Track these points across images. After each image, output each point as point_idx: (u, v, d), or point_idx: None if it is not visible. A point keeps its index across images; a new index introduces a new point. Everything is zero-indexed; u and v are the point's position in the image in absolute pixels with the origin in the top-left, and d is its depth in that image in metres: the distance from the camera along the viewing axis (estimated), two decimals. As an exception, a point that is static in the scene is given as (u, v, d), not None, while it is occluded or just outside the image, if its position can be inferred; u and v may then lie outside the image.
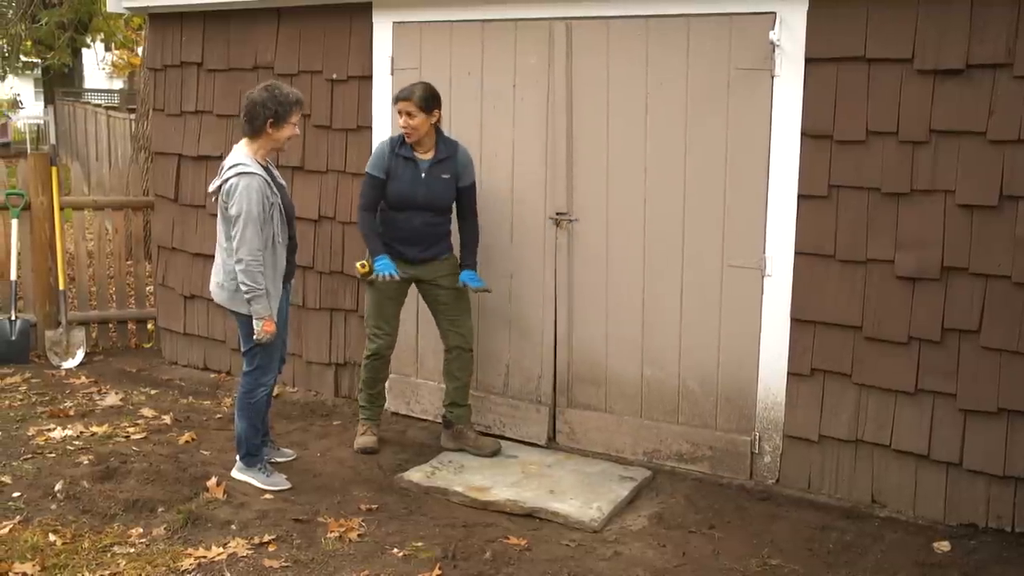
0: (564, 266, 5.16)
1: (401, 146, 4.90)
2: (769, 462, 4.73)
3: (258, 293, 4.35)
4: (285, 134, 4.46)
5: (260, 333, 4.41)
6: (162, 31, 6.62)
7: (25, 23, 19.22)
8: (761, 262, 4.64)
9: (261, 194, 4.33)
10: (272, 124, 4.40)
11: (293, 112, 4.43)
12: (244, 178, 4.32)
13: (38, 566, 3.76)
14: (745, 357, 4.74)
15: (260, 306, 4.37)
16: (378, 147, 5.04)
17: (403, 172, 4.89)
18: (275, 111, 4.37)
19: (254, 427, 4.66)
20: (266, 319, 4.40)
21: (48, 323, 6.90)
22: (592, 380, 5.17)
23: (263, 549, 3.99)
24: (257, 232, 4.31)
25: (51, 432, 5.26)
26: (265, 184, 4.37)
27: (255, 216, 4.30)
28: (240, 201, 4.30)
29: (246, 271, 4.33)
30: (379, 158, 4.93)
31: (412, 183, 4.88)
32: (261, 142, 4.46)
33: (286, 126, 4.43)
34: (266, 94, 4.40)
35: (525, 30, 5.12)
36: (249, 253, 4.31)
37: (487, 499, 4.54)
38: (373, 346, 5.12)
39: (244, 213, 4.29)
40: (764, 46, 4.50)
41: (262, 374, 4.62)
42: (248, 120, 4.42)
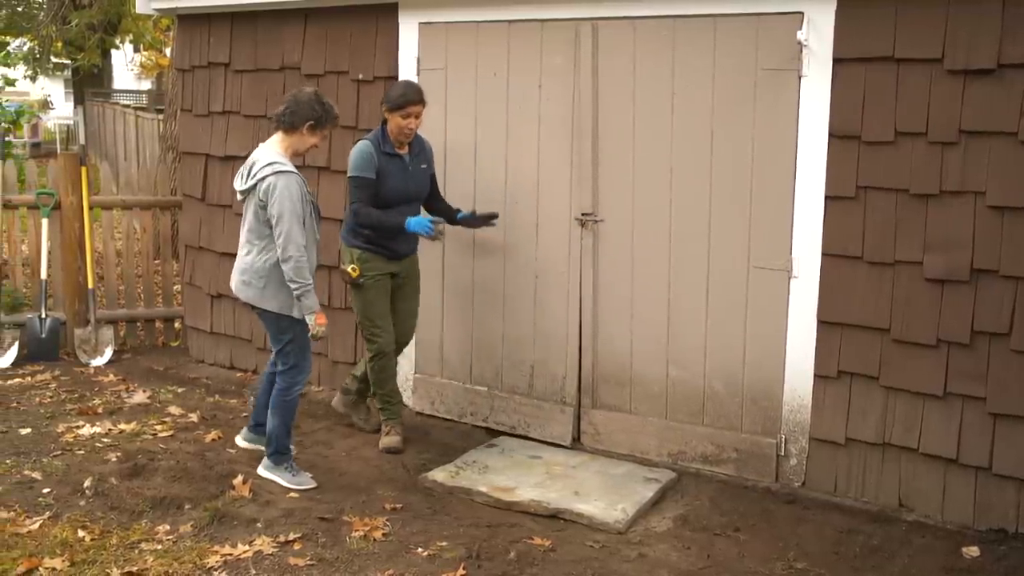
0: (589, 267, 5.15)
1: (384, 144, 4.98)
2: (795, 465, 4.70)
3: (307, 289, 4.43)
4: (312, 141, 4.56)
5: (315, 327, 4.49)
6: (190, 32, 6.67)
7: (56, 24, 19.43)
8: (788, 263, 4.62)
9: (301, 192, 4.41)
10: (310, 128, 4.49)
11: (328, 126, 4.56)
12: (283, 177, 4.37)
13: (67, 561, 3.79)
14: (771, 359, 4.71)
15: (311, 301, 4.45)
16: (361, 149, 4.96)
17: (393, 170, 4.99)
18: (319, 116, 4.48)
19: (286, 426, 4.69)
20: (318, 312, 4.48)
21: (77, 321, 6.98)
22: (617, 381, 5.15)
23: (288, 547, 4.01)
24: (301, 229, 4.39)
25: (80, 429, 5.31)
26: (303, 183, 4.45)
27: (298, 213, 4.37)
28: (282, 200, 4.35)
29: (295, 268, 4.39)
30: (367, 159, 4.94)
31: (402, 179, 5.02)
32: (293, 140, 4.52)
33: (318, 135, 4.54)
34: (315, 98, 4.50)
35: (551, 30, 5.11)
36: (296, 250, 4.38)
37: (511, 499, 4.54)
38: (376, 345, 5.15)
39: (288, 212, 4.36)
40: (791, 46, 4.47)
41: (298, 372, 4.66)
42: (291, 114, 4.48)
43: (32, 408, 5.72)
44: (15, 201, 6.94)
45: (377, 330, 5.13)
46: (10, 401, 5.83)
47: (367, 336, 5.18)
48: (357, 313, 5.23)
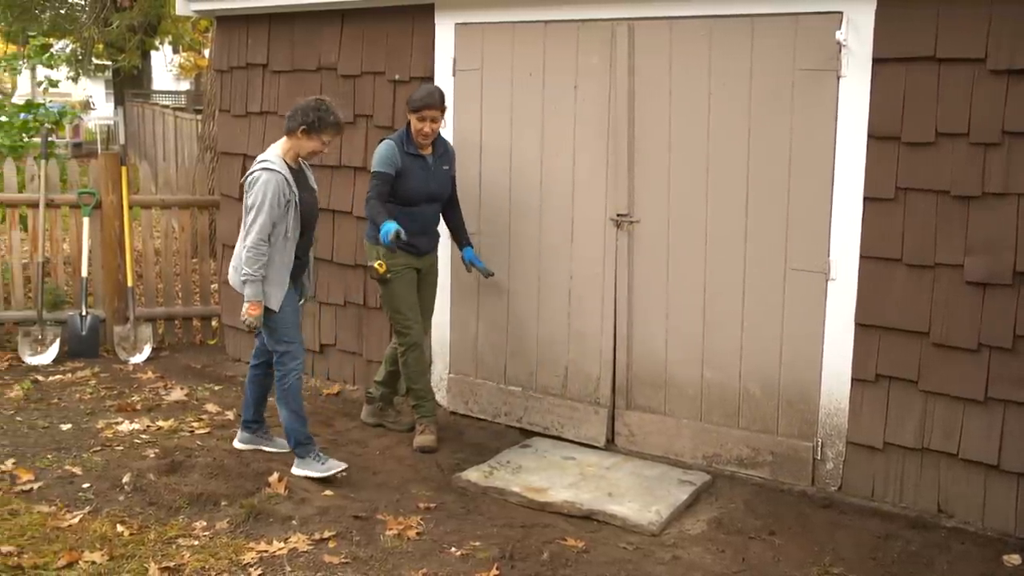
0: (624, 267, 5.13)
1: (407, 144, 5.09)
2: (831, 469, 4.66)
3: (253, 278, 4.59)
4: (310, 146, 4.67)
5: (245, 314, 4.65)
6: (229, 33, 6.73)
7: (97, 27, 19.71)
8: (825, 265, 4.57)
9: (278, 190, 4.57)
10: (304, 131, 4.62)
11: (326, 131, 4.65)
12: (265, 173, 4.58)
13: (106, 555, 3.84)
14: (808, 361, 4.67)
15: (252, 290, 4.61)
16: (385, 147, 5.09)
17: (415, 169, 5.09)
18: (311, 122, 4.61)
19: (296, 414, 4.78)
20: (253, 303, 4.62)
21: (117, 319, 7.07)
22: (651, 382, 5.13)
23: (323, 545, 4.04)
24: (267, 223, 4.55)
25: (119, 426, 5.38)
26: (284, 182, 4.60)
27: (267, 209, 4.54)
28: (257, 193, 4.57)
29: (249, 257, 4.57)
30: (390, 157, 5.05)
31: (424, 178, 5.12)
32: (291, 144, 4.69)
33: (314, 139, 4.65)
34: (312, 104, 4.65)
35: (587, 30, 5.11)
36: (254, 241, 4.55)
37: (545, 500, 4.54)
38: (408, 338, 5.20)
39: (258, 205, 4.55)
40: (830, 46, 4.43)
41: (290, 359, 4.78)
42: (290, 119, 4.67)
43: (73, 404, 5.81)
44: (57, 200, 7.04)
45: (408, 322, 5.18)
46: (51, 397, 5.92)
47: (399, 330, 5.22)
48: (386, 308, 5.28)
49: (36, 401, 5.82)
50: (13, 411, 5.60)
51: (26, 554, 3.82)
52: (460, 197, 5.50)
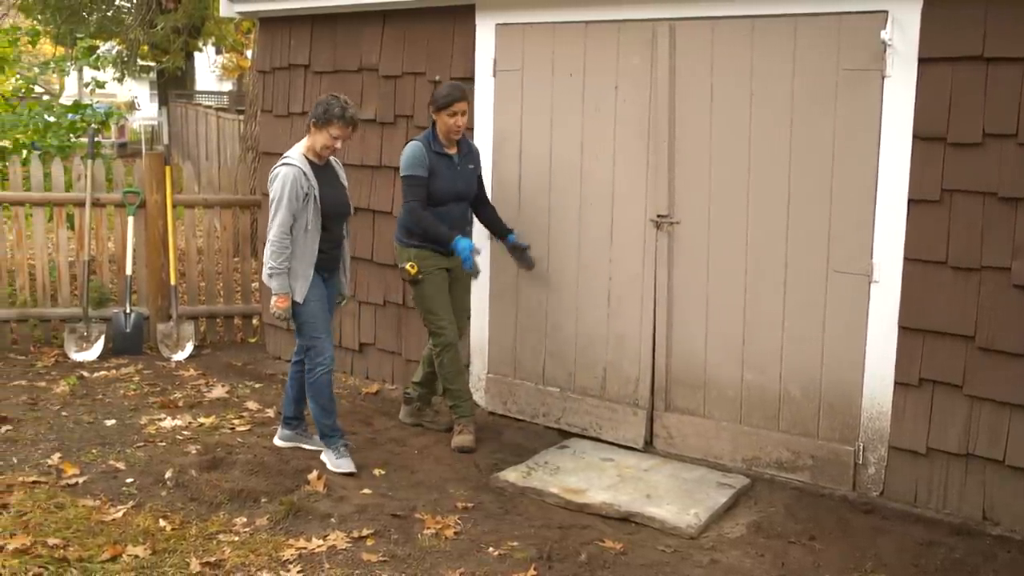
0: (664, 268, 5.11)
1: (434, 144, 5.12)
2: (873, 474, 4.60)
3: (278, 271, 4.69)
4: (321, 140, 4.75)
5: (274, 307, 4.76)
6: (271, 34, 6.80)
7: (143, 28, 19.99)
8: (868, 268, 4.52)
9: (295, 184, 4.67)
10: (314, 124, 4.75)
11: (332, 124, 4.70)
12: (283, 169, 4.71)
13: (149, 549, 3.90)
14: (850, 364, 4.61)
15: (278, 283, 4.71)
16: (413, 148, 5.11)
17: (442, 168, 5.12)
18: (319, 115, 4.72)
19: (322, 408, 4.87)
20: (280, 295, 4.72)
21: (160, 316, 7.16)
22: (691, 384, 5.10)
23: (361, 543, 4.06)
24: (285, 217, 4.65)
25: (162, 422, 5.45)
26: (301, 175, 4.69)
27: (286, 203, 4.64)
28: (276, 189, 4.69)
29: (271, 250, 4.69)
30: (419, 159, 5.07)
31: (451, 178, 5.15)
32: (309, 140, 4.82)
33: (323, 133, 4.73)
34: (324, 99, 4.77)
35: (628, 31, 5.09)
36: (275, 235, 4.67)
37: (583, 501, 4.53)
38: (442, 338, 5.21)
39: (276, 199, 4.67)
40: (875, 46, 4.38)
41: (316, 354, 4.85)
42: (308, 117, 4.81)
43: (117, 400, 5.90)
44: (103, 200, 7.15)
45: (442, 322, 5.20)
46: (96, 393, 6.01)
47: (432, 331, 5.24)
48: (419, 309, 5.31)
49: (81, 397, 5.92)
50: (59, 406, 5.70)
51: (71, 547, 3.88)
52: (499, 198, 5.51)
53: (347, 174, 6.24)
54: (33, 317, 7.11)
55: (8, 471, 4.67)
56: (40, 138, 8.41)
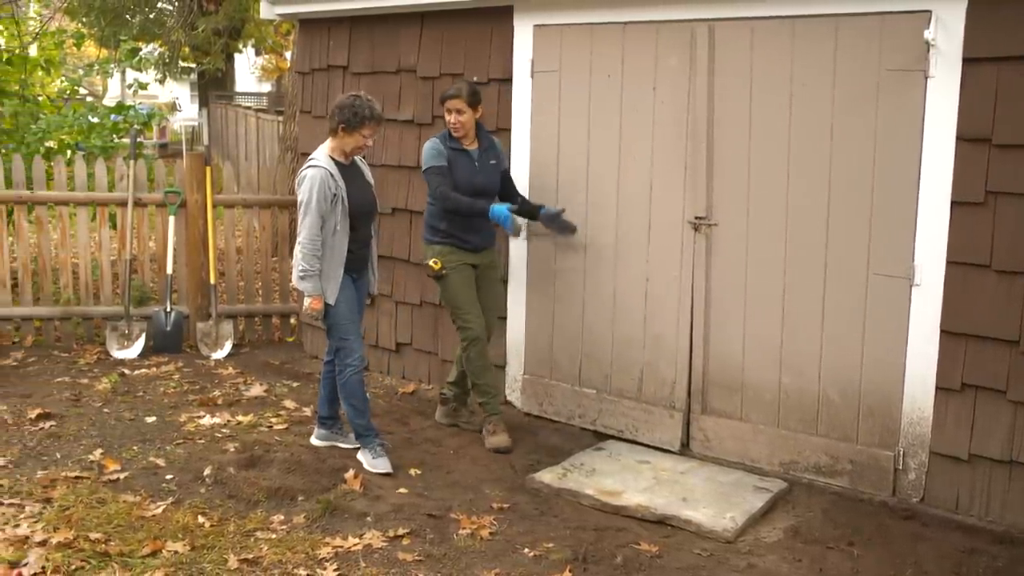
0: (702, 270, 5.08)
1: (450, 140, 5.22)
2: (914, 479, 4.54)
3: (310, 273, 4.72)
4: (352, 142, 4.80)
5: (307, 308, 4.79)
6: (311, 36, 6.85)
7: (184, 30, 20.24)
8: (909, 271, 4.46)
9: (323, 185, 4.69)
10: (343, 129, 4.76)
11: (365, 126, 4.76)
12: (310, 171, 4.74)
13: (188, 545, 3.94)
14: (890, 369, 4.56)
15: (310, 285, 4.74)
16: (430, 143, 5.24)
17: (461, 163, 5.21)
18: (348, 119, 4.74)
19: (355, 408, 4.92)
20: (314, 297, 4.75)
21: (199, 315, 7.24)
22: (728, 386, 5.07)
23: (397, 542, 4.08)
24: (315, 219, 4.68)
25: (201, 419, 5.51)
26: (328, 176, 4.72)
27: (314, 205, 4.67)
28: (304, 191, 4.72)
29: (302, 252, 4.71)
30: (437, 152, 5.19)
31: (470, 172, 5.21)
32: (336, 142, 4.84)
33: (355, 135, 4.78)
34: (348, 102, 4.77)
35: (667, 32, 5.07)
36: (306, 237, 4.69)
37: (619, 503, 4.51)
38: (468, 332, 5.25)
39: (304, 202, 4.70)
40: (918, 46, 4.32)
41: (346, 355, 4.90)
42: (329, 119, 4.84)
43: (157, 398, 5.97)
44: (145, 200, 7.24)
45: (468, 316, 5.24)
46: (137, 390, 6.09)
47: (459, 325, 5.30)
48: (446, 305, 5.40)
49: (123, 394, 6.00)
50: (101, 403, 5.78)
51: (113, 542, 3.94)
52: (536, 198, 5.53)
53: (384, 175, 6.31)
54: (76, 315, 7.22)
55: (52, 466, 4.74)
56: (84, 139, 8.54)
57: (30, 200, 7.09)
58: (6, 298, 7.13)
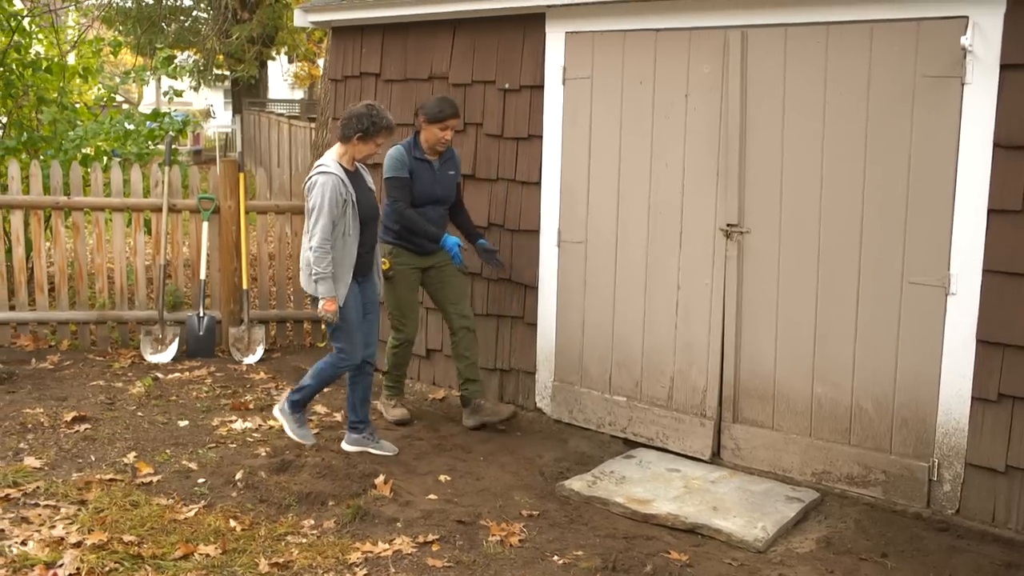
0: (733, 278, 5.05)
1: (415, 150, 5.45)
2: (949, 491, 4.48)
3: (324, 276, 4.84)
4: (365, 150, 4.98)
5: (322, 311, 4.91)
6: (343, 44, 6.90)
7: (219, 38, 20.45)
8: (945, 279, 4.41)
9: (335, 191, 4.83)
10: (359, 138, 4.92)
11: (380, 135, 4.95)
12: (322, 177, 4.86)
13: (219, 549, 3.97)
14: (924, 378, 4.50)
15: (324, 287, 4.86)
16: (395, 153, 5.44)
17: (422, 173, 5.45)
18: (366, 128, 4.90)
19: (316, 390, 5.20)
20: (328, 299, 4.87)
21: (232, 320, 7.30)
22: (759, 395, 5.03)
23: (427, 548, 4.08)
24: (328, 223, 4.81)
25: (233, 423, 5.56)
26: (340, 182, 4.86)
27: (327, 210, 4.80)
28: (316, 195, 4.84)
29: (316, 256, 4.83)
30: (401, 162, 5.41)
31: (430, 182, 5.47)
32: (347, 149, 4.97)
33: (369, 144, 4.95)
34: (364, 111, 4.93)
35: (699, 39, 5.05)
36: (319, 240, 4.81)
37: (648, 512, 4.49)
38: (401, 335, 5.63)
39: (318, 207, 4.83)
40: (954, 52, 4.28)
41: (346, 356, 5.07)
42: (343, 127, 4.96)
43: (190, 402, 6.02)
44: (179, 205, 7.32)
45: (405, 320, 5.61)
46: (170, 394, 6.15)
47: (394, 326, 5.63)
48: (387, 304, 5.61)
49: (156, 398, 6.06)
50: (135, 407, 5.84)
51: (145, 544, 3.98)
52: (567, 205, 5.54)
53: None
54: (111, 319, 7.31)
55: (87, 468, 4.80)
56: (120, 145, 8.64)
57: (67, 206, 7.19)
58: (43, 302, 7.24)
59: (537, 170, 5.78)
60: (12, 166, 7.14)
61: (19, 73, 8.41)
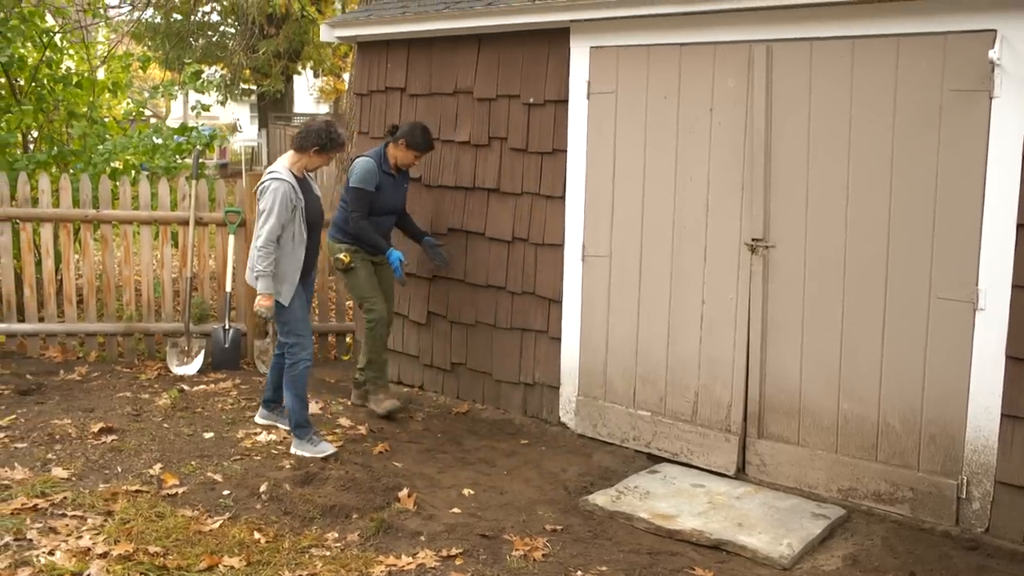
0: (758, 292, 5.03)
1: (383, 164, 5.97)
2: (978, 509, 4.42)
3: (265, 274, 5.21)
4: (318, 162, 5.38)
5: (258, 305, 5.27)
6: (369, 58, 6.94)
7: (246, 53, 20.64)
8: (973, 295, 4.37)
9: (286, 196, 5.19)
10: (316, 151, 5.30)
11: (335, 150, 5.36)
12: (274, 182, 5.21)
13: (244, 561, 3.98)
14: (953, 395, 4.46)
15: (263, 284, 5.24)
16: (368, 166, 5.90)
17: (387, 186, 5.99)
18: (324, 143, 5.29)
19: (299, 399, 5.35)
20: (265, 295, 5.25)
21: (257, 333, 7.34)
22: (785, 411, 5.00)
23: (450, 562, 4.07)
24: (276, 226, 5.16)
25: (257, 436, 5.58)
26: (291, 189, 5.22)
27: (276, 212, 5.15)
28: (267, 199, 5.19)
29: (260, 255, 5.20)
30: (371, 175, 5.90)
31: (392, 194, 6.05)
32: (301, 158, 5.35)
33: (324, 157, 5.35)
34: (324, 128, 5.33)
35: (724, 53, 5.05)
36: (265, 240, 5.17)
37: (673, 527, 4.47)
38: (376, 315, 6.02)
39: (268, 210, 5.18)
40: (982, 66, 4.25)
41: (300, 350, 5.36)
42: (302, 138, 5.33)
43: (215, 413, 6.05)
44: (206, 219, 7.38)
45: (374, 301, 6.02)
46: (196, 406, 6.18)
47: (366, 308, 6.03)
48: (353, 294, 6.12)
49: (182, 409, 6.09)
50: (161, 418, 5.88)
51: (171, 555, 3.99)
52: (592, 218, 5.57)
53: (440, 195, 6.39)
54: (138, 331, 7.37)
55: (113, 479, 4.83)
56: (148, 159, 8.73)
57: (96, 218, 7.27)
58: (72, 314, 7.31)
59: (561, 184, 5.79)
60: (42, 180, 7.23)
61: (50, 88, 8.52)
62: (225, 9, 21.89)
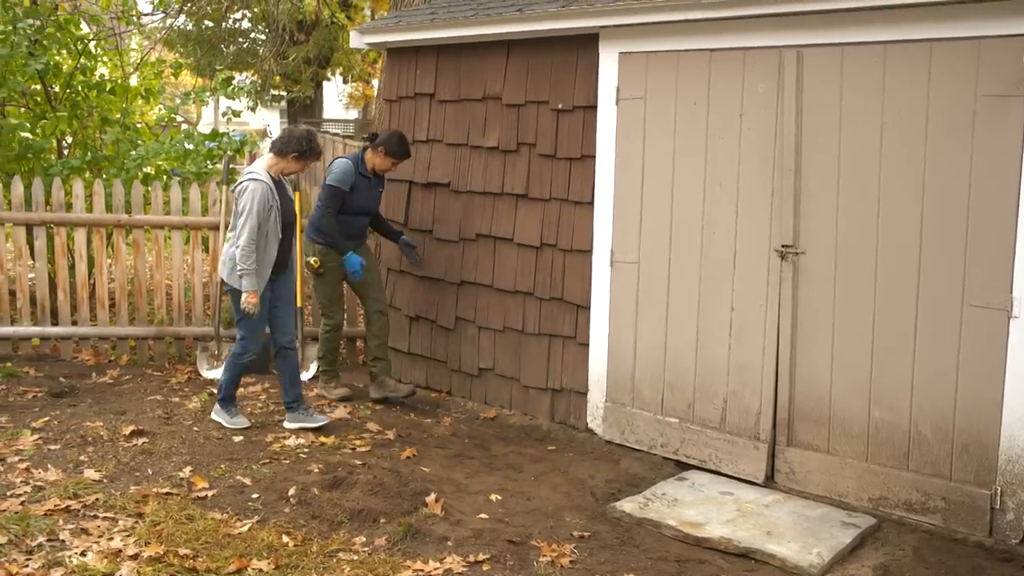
0: (788, 299, 4.99)
1: (361, 166, 6.29)
2: (1012, 520, 4.36)
3: (248, 272, 5.43)
4: (295, 167, 5.63)
5: (245, 303, 5.49)
6: (398, 64, 6.98)
7: (276, 59, 20.80)
8: (1007, 303, 4.32)
9: (264, 197, 5.42)
10: (295, 157, 5.56)
11: (312, 159, 5.62)
12: (253, 183, 5.44)
13: (272, 564, 4.00)
14: (986, 404, 4.40)
15: (248, 282, 5.46)
16: (345, 167, 6.24)
17: (361, 187, 6.30)
18: (303, 151, 5.56)
19: (234, 381, 5.80)
20: (251, 292, 5.47)
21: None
22: (815, 418, 4.96)
23: (477, 567, 4.07)
24: (255, 225, 5.39)
25: (286, 440, 5.61)
26: (268, 190, 5.45)
27: (255, 212, 5.38)
28: (246, 199, 5.42)
29: (243, 254, 5.41)
30: (348, 175, 6.23)
31: (366, 196, 6.36)
32: (280, 162, 5.58)
33: (300, 163, 5.60)
34: (306, 136, 5.59)
35: (754, 58, 5.03)
36: (246, 240, 5.39)
37: (701, 535, 4.44)
38: (333, 321, 6.49)
39: (247, 210, 5.40)
40: (1017, 71, 4.20)
41: (250, 343, 5.72)
42: (283, 143, 5.57)
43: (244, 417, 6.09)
44: (236, 223, 7.42)
45: (335, 309, 6.50)
46: (225, 410, 6.22)
47: (326, 314, 6.49)
48: (318, 296, 6.55)
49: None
50: (191, 422, 5.92)
51: (200, 558, 4.02)
52: (621, 223, 5.56)
53: (468, 200, 6.40)
54: (169, 335, 7.44)
55: (144, 482, 4.88)
56: (180, 165, 8.81)
57: (128, 223, 7.35)
58: (104, 318, 7.39)
59: (590, 190, 5.79)
60: (76, 185, 7.32)
61: (84, 95, 8.63)
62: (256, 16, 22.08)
